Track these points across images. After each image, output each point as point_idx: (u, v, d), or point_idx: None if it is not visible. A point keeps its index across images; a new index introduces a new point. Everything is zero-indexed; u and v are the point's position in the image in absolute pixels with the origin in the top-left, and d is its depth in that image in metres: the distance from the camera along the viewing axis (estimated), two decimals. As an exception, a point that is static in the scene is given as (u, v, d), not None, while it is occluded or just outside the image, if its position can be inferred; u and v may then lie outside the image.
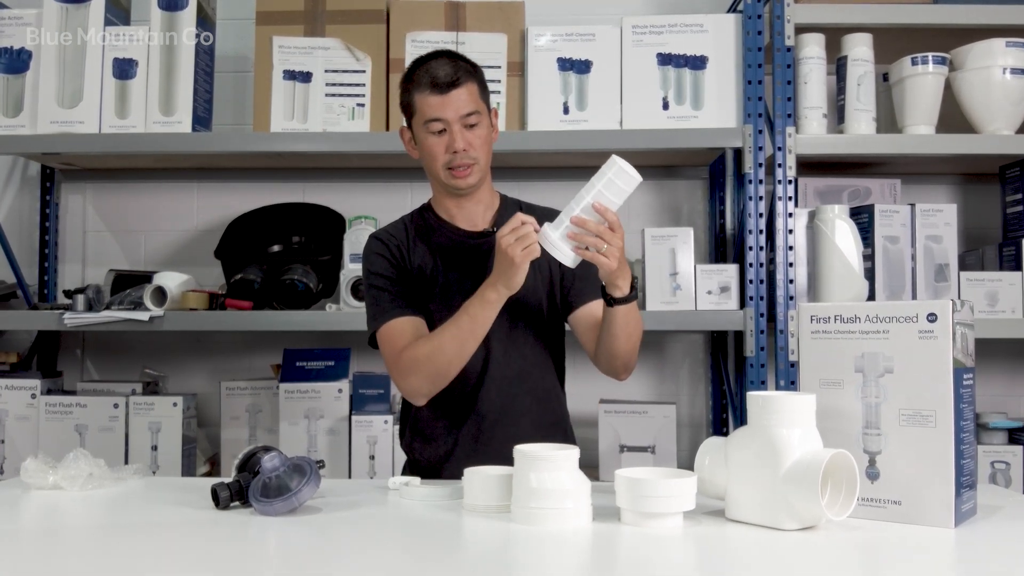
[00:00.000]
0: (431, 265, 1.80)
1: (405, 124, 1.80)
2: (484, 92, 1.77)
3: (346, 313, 2.41)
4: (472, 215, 1.82)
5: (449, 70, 1.70)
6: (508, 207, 1.84)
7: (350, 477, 2.43)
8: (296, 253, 2.66)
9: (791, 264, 2.36)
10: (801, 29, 2.40)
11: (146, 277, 2.57)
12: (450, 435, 1.79)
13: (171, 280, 2.46)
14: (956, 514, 1.24)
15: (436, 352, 1.66)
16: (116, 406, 2.48)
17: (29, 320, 2.55)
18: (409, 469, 1.88)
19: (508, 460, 1.35)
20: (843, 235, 2.33)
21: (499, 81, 2.47)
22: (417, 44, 2.46)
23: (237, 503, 1.41)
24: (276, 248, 2.70)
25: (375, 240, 1.83)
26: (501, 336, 1.74)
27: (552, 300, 1.82)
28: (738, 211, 2.54)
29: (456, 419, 1.78)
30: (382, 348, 1.75)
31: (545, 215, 1.65)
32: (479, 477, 1.39)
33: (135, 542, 1.24)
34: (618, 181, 1.51)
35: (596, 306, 1.76)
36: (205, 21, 2.54)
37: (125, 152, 2.54)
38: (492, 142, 1.79)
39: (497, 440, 1.74)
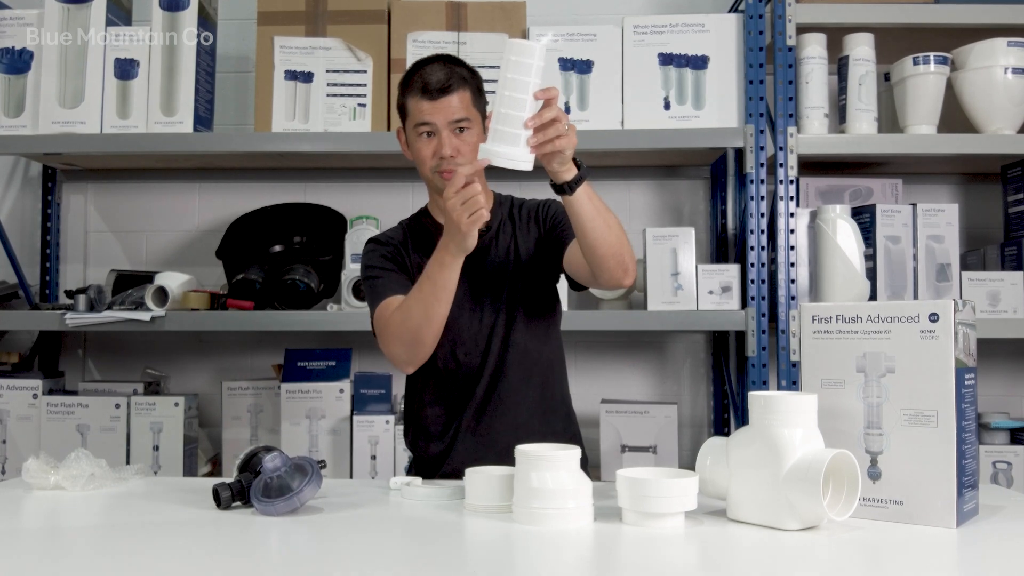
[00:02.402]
0: (430, 267, 1.81)
1: (401, 126, 1.81)
2: (479, 98, 1.77)
3: (347, 313, 2.41)
4: None
5: (442, 76, 1.71)
6: (502, 204, 1.87)
7: (351, 477, 2.43)
8: (297, 253, 2.66)
9: (793, 264, 2.36)
10: (802, 29, 2.40)
11: (147, 277, 2.57)
12: (451, 427, 1.80)
13: (172, 280, 2.46)
14: (958, 514, 1.24)
15: (406, 318, 1.66)
16: (118, 406, 2.48)
17: (31, 320, 2.55)
18: (415, 468, 1.88)
19: (510, 449, 1.36)
20: (845, 235, 2.33)
21: (500, 81, 2.46)
22: (418, 44, 2.46)
23: (239, 503, 1.41)
24: (277, 248, 2.69)
25: (373, 243, 1.86)
26: (498, 325, 1.77)
27: (546, 263, 1.81)
28: (740, 211, 2.54)
29: (455, 410, 1.80)
30: (375, 327, 1.76)
31: (535, 207, 1.79)
32: (480, 477, 1.39)
33: (136, 542, 1.24)
34: (536, 61, 1.44)
35: None
36: (206, 21, 2.54)
37: (126, 152, 2.54)
38: None
39: (498, 428, 1.76)
